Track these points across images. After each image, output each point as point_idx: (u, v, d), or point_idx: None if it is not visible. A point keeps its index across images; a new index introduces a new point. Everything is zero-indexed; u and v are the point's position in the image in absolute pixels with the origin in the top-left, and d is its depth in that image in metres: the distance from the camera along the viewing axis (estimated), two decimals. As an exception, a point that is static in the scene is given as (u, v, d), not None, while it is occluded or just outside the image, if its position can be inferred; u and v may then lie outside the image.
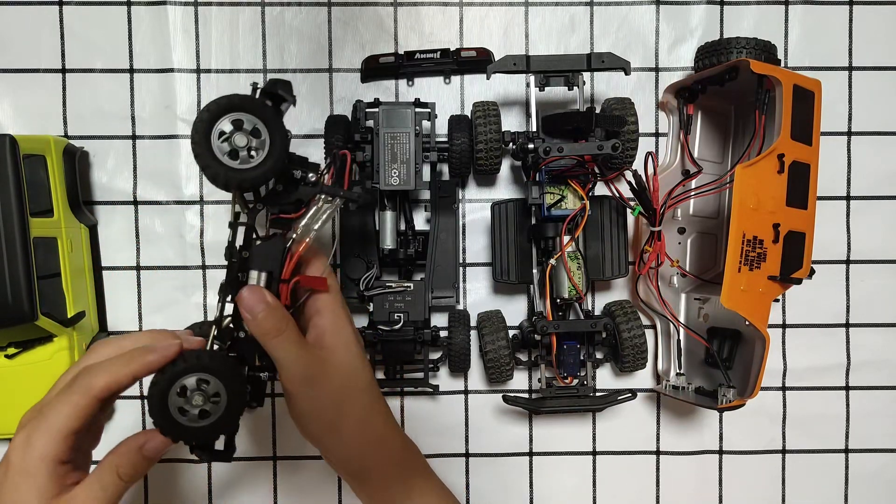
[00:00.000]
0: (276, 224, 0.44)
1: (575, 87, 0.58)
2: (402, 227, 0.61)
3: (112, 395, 0.39)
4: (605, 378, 0.65)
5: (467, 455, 0.65)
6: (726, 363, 0.58)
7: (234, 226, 0.43)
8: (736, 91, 0.58)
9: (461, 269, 0.64)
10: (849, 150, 0.65)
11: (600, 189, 0.61)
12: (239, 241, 0.43)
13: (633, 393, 0.59)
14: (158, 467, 0.63)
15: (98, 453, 0.42)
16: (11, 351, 0.58)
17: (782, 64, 0.63)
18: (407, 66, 0.62)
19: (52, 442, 0.37)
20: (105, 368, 0.39)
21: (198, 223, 0.63)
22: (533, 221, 0.60)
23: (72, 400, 0.38)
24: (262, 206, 0.43)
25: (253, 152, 0.40)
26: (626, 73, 0.56)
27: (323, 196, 0.43)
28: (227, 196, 0.62)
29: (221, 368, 0.40)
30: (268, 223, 0.44)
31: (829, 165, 0.64)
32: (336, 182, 0.45)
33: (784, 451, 0.66)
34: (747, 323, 0.53)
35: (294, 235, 0.43)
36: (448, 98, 0.64)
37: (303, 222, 0.43)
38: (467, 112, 0.63)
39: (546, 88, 0.58)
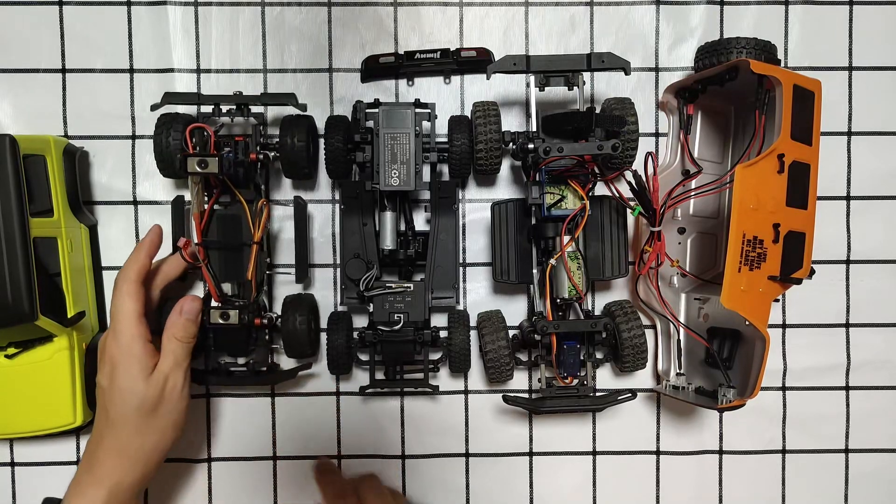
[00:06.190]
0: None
1: (575, 87, 0.58)
2: (402, 227, 0.61)
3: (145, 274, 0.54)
4: (605, 378, 0.65)
5: (467, 455, 0.65)
6: (726, 363, 0.58)
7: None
8: (736, 91, 0.58)
9: (461, 269, 0.64)
10: (849, 150, 0.65)
11: (600, 189, 0.61)
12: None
13: (633, 393, 0.59)
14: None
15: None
16: (11, 351, 0.58)
17: (782, 64, 0.63)
18: (407, 66, 0.62)
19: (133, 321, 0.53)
20: (128, 262, 0.54)
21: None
22: (533, 221, 0.60)
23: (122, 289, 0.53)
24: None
25: None
26: (626, 73, 0.56)
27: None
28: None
29: None
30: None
31: (829, 165, 0.64)
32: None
33: (784, 451, 0.66)
34: (747, 323, 0.53)
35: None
36: (448, 98, 0.64)
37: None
38: (467, 112, 0.63)
39: (546, 88, 0.58)
